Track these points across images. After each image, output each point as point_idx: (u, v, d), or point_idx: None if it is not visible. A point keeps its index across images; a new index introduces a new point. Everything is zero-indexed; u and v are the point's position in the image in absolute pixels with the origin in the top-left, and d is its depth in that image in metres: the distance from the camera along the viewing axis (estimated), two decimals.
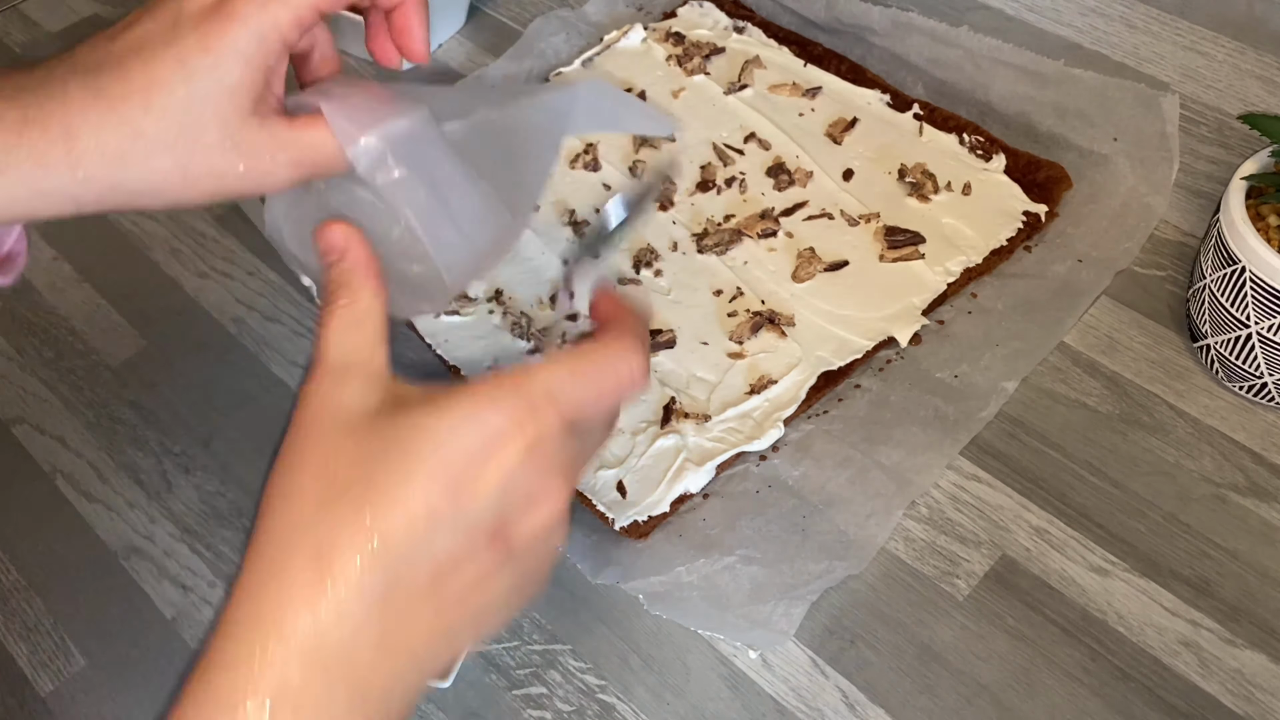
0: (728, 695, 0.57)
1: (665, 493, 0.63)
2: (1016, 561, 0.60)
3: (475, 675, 0.59)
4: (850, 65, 0.84)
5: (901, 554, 0.61)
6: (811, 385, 0.66)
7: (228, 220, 0.82)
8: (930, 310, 0.70)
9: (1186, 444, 0.64)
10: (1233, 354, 0.63)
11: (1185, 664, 0.56)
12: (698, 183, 0.78)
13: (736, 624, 0.58)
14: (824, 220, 0.75)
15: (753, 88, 0.83)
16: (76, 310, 0.78)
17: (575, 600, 0.61)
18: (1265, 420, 0.64)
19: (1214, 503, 0.61)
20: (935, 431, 0.64)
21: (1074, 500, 0.62)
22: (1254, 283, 0.60)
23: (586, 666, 0.59)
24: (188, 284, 0.78)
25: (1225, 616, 0.57)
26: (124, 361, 0.74)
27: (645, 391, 0.39)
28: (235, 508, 0.67)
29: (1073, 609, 0.58)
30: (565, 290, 0.46)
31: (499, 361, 0.70)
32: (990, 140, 0.77)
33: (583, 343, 0.41)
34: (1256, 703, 0.55)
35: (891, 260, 0.72)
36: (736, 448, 0.64)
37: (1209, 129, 0.78)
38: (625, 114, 0.51)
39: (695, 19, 0.89)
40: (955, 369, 0.67)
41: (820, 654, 0.58)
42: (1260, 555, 0.59)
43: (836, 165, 0.78)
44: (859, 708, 0.56)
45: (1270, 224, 0.60)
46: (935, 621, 0.58)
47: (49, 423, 0.72)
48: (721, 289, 0.72)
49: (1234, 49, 0.83)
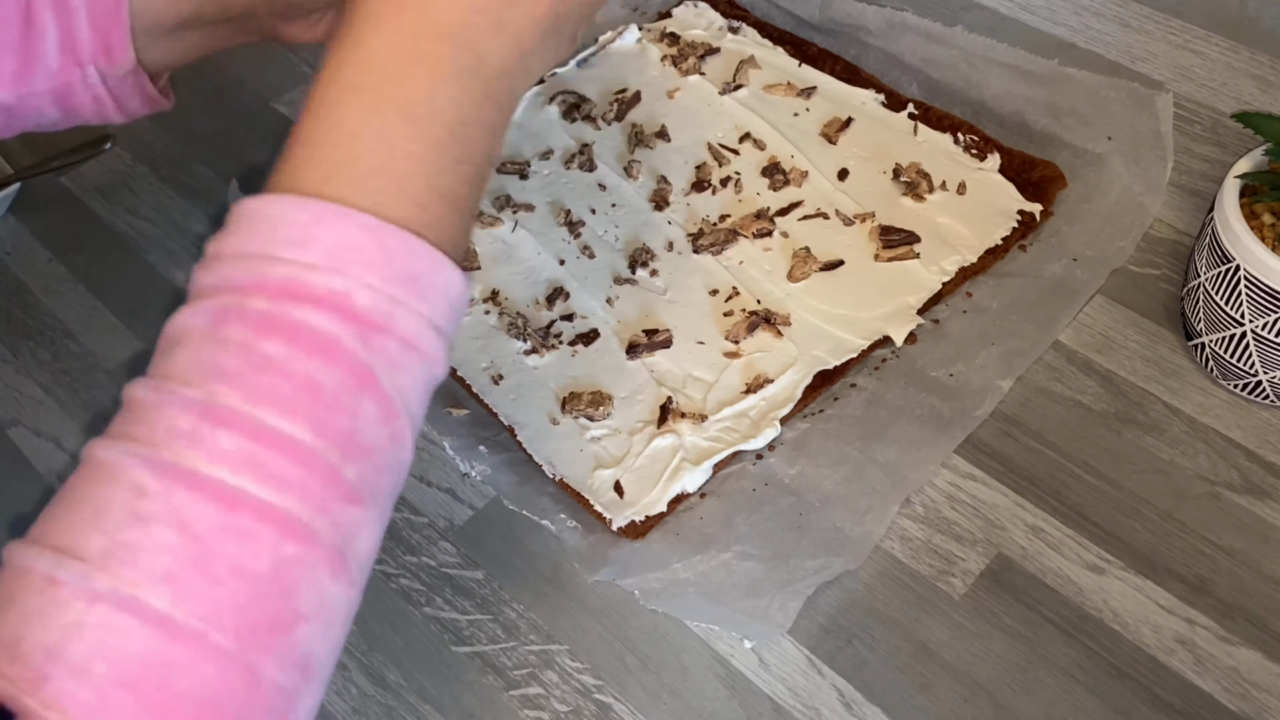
0: (724, 694, 0.57)
1: (662, 492, 0.63)
2: (1012, 560, 0.60)
3: (472, 676, 0.59)
4: (845, 65, 0.84)
5: (898, 553, 0.61)
6: (807, 384, 0.67)
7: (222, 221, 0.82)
8: (925, 309, 0.70)
9: (1182, 442, 0.64)
10: (1227, 352, 0.63)
11: (1181, 661, 0.56)
12: (693, 183, 0.78)
13: (732, 617, 0.58)
14: (819, 220, 0.75)
15: (748, 88, 0.84)
16: (72, 312, 0.78)
17: (572, 601, 0.61)
18: (1260, 418, 0.64)
19: (1209, 500, 0.61)
20: (931, 429, 0.64)
21: (1069, 499, 0.62)
22: (1248, 281, 0.60)
23: (583, 666, 0.59)
24: (183, 285, 0.78)
25: (1221, 614, 0.57)
26: (120, 363, 0.74)
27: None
28: None
29: (1069, 607, 0.58)
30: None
31: (494, 362, 0.70)
32: (985, 139, 0.77)
33: None
34: (1252, 700, 0.55)
35: (887, 260, 0.72)
36: (733, 447, 0.64)
37: (1203, 128, 0.78)
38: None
39: (690, 19, 0.89)
40: (950, 368, 0.67)
41: (817, 653, 0.58)
42: (1256, 553, 0.59)
43: (831, 165, 0.78)
44: (856, 706, 0.56)
45: (1264, 222, 0.61)
46: (931, 620, 0.59)
47: (45, 425, 0.72)
48: (717, 289, 0.72)
49: (1228, 48, 0.83)
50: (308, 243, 0.36)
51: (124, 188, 0.85)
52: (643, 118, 0.83)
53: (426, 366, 0.38)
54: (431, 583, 0.63)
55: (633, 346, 0.69)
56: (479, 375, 0.69)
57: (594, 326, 0.71)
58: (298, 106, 0.88)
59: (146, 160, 0.87)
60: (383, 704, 0.59)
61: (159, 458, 0.34)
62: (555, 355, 0.70)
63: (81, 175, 0.86)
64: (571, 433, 0.66)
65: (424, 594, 0.62)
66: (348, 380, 0.36)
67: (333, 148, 0.38)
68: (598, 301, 0.72)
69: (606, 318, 0.71)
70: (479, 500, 0.65)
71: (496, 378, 0.69)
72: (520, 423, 0.67)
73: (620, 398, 0.67)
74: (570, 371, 0.69)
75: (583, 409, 0.66)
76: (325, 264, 0.36)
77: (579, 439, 0.66)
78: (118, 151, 0.87)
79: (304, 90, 0.90)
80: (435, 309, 0.38)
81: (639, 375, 0.68)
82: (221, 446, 0.34)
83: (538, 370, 0.69)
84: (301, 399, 0.35)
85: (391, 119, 0.38)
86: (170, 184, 0.85)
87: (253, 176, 0.83)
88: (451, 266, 0.38)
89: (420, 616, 0.61)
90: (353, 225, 0.36)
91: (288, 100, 0.89)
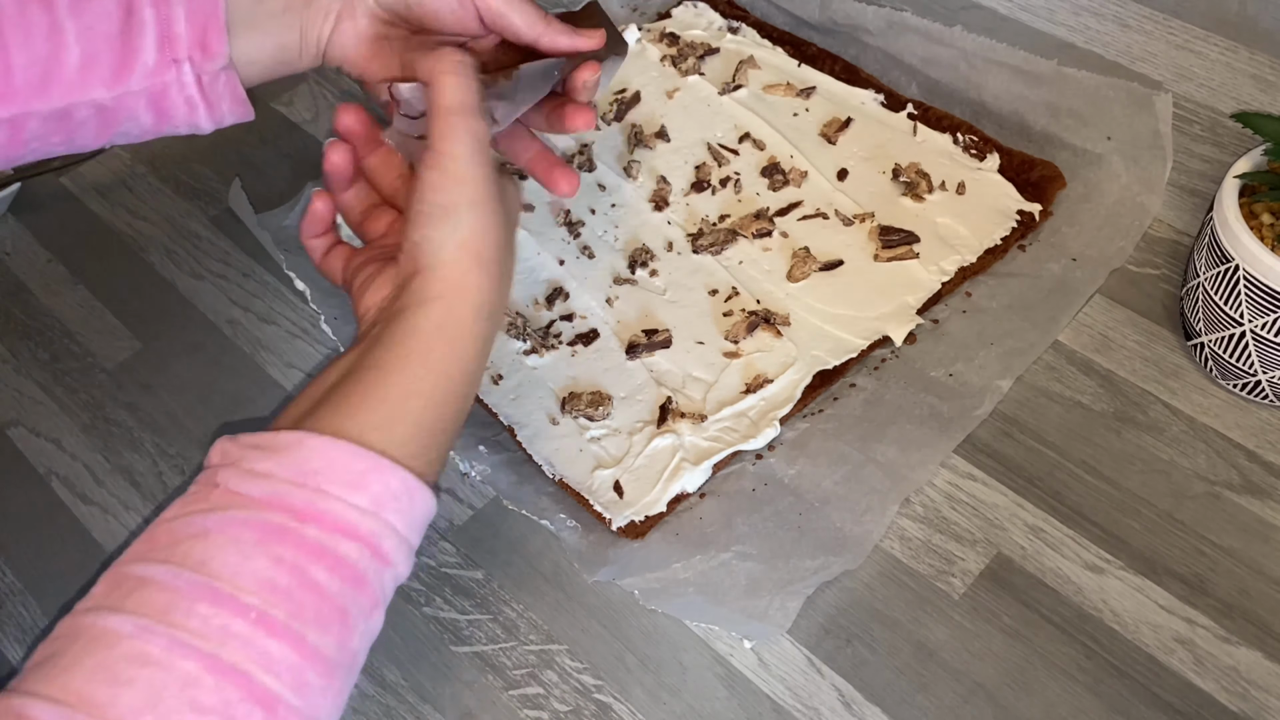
0: (724, 694, 0.57)
1: (662, 492, 0.63)
2: (1012, 560, 0.60)
3: (472, 675, 0.59)
4: (844, 65, 0.84)
5: (897, 553, 0.61)
6: (807, 384, 0.67)
7: (222, 222, 0.82)
8: (925, 309, 0.70)
9: (1181, 442, 0.64)
10: (1227, 352, 0.63)
11: (1180, 661, 0.56)
12: (693, 183, 0.78)
13: (731, 617, 0.58)
14: (819, 220, 0.75)
15: (747, 88, 0.84)
16: (71, 313, 0.78)
17: (571, 600, 0.61)
18: (1259, 418, 0.64)
19: (1208, 500, 0.62)
20: (930, 429, 0.64)
21: (1069, 498, 0.62)
22: (1247, 281, 0.60)
23: (583, 666, 0.59)
24: (183, 286, 0.78)
25: (1220, 614, 0.58)
26: (119, 364, 0.74)
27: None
28: None
29: (1068, 607, 0.58)
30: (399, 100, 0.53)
31: (494, 363, 0.70)
32: (984, 140, 0.77)
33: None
34: (1251, 700, 0.55)
35: (886, 260, 0.72)
36: (733, 447, 0.64)
37: (1202, 128, 0.78)
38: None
39: (690, 19, 0.89)
40: (950, 367, 0.67)
41: (816, 653, 0.58)
42: (1255, 552, 0.59)
43: (831, 165, 0.78)
44: (855, 706, 0.56)
45: (1263, 222, 0.61)
46: (931, 620, 0.59)
47: (44, 425, 0.72)
48: (717, 289, 0.72)
49: (1227, 48, 0.83)
50: (360, 488, 0.43)
51: (123, 188, 0.85)
52: (642, 118, 0.83)
53: (404, 577, 0.46)
54: (431, 582, 0.63)
55: (632, 346, 0.69)
56: None
57: (593, 326, 0.71)
58: (296, 106, 0.89)
59: (146, 160, 0.87)
60: (382, 704, 0.59)
61: (218, 656, 0.39)
62: (555, 355, 0.70)
63: (81, 175, 0.86)
64: (571, 433, 0.66)
65: (424, 594, 0.62)
66: (365, 604, 0.44)
67: (383, 404, 0.45)
68: (597, 301, 0.72)
69: (606, 318, 0.71)
70: (479, 500, 0.66)
71: (496, 378, 0.69)
72: (520, 423, 0.67)
73: (620, 398, 0.67)
74: (570, 371, 0.69)
75: (582, 409, 0.66)
76: (369, 507, 0.43)
77: (578, 439, 0.66)
78: (117, 151, 0.87)
79: (303, 90, 0.90)
80: (420, 538, 0.47)
81: (638, 375, 0.68)
82: (272, 655, 0.40)
83: (537, 370, 0.69)
84: (334, 619, 0.42)
85: (429, 386, 0.47)
86: (170, 184, 0.85)
87: (253, 177, 0.83)
88: (435, 501, 0.46)
89: (420, 616, 0.61)
90: (396, 479, 0.44)
91: (287, 100, 0.89)
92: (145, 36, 0.53)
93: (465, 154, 0.48)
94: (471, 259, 0.48)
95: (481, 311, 0.48)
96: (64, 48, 0.52)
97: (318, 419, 0.45)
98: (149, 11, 0.53)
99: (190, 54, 0.53)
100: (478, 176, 0.48)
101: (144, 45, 0.53)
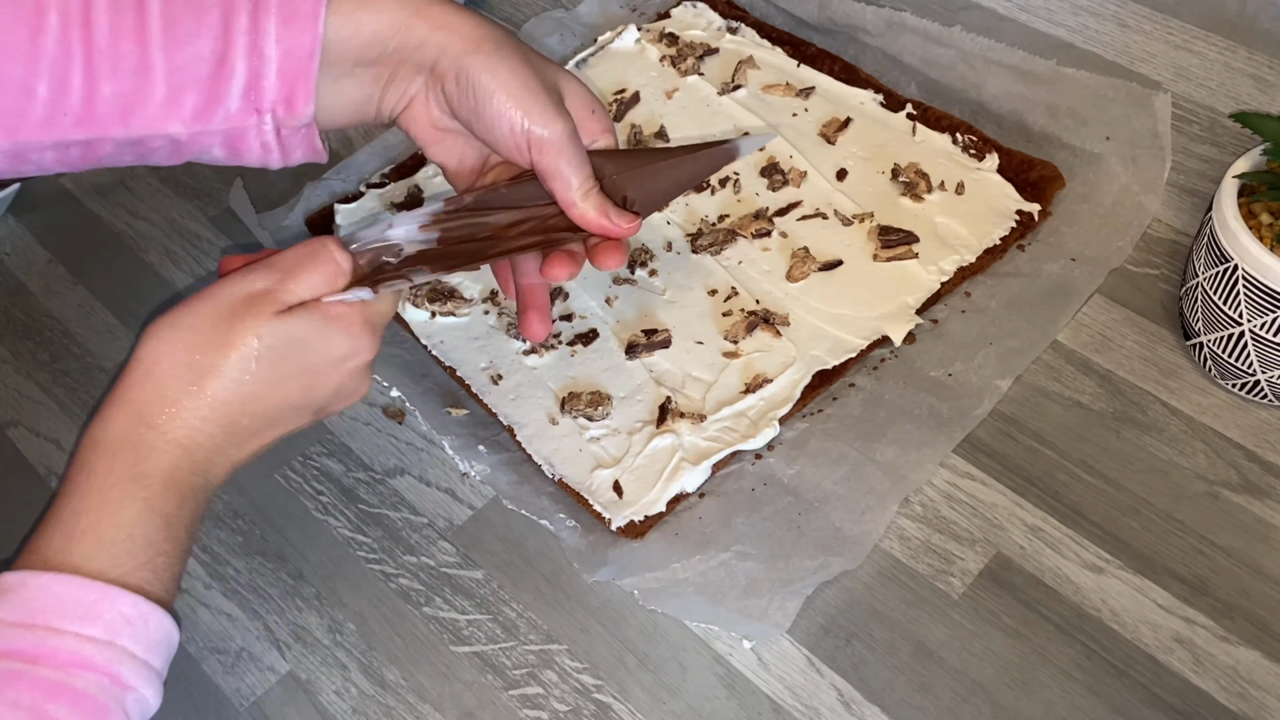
0: (724, 694, 0.57)
1: (661, 492, 0.63)
2: (1011, 559, 0.60)
3: (472, 675, 0.59)
4: (843, 65, 0.84)
5: (896, 552, 0.61)
6: (806, 384, 0.67)
7: (222, 222, 0.82)
8: (924, 309, 0.70)
9: (1180, 441, 0.64)
10: (1226, 352, 0.64)
11: (1180, 661, 0.56)
12: None
13: (731, 617, 0.58)
14: (818, 220, 0.75)
15: (746, 88, 0.84)
16: (71, 312, 0.78)
17: (571, 600, 0.61)
18: (1258, 417, 0.65)
19: (1208, 500, 0.62)
20: (929, 429, 0.65)
21: (1068, 498, 0.62)
22: (1246, 281, 0.60)
23: (583, 666, 0.59)
24: (182, 285, 0.78)
25: (1219, 614, 0.58)
26: (119, 364, 0.74)
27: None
28: (230, 508, 0.67)
29: (1067, 607, 0.58)
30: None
31: (494, 363, 0.70)
32: (983, 140, 0.78)
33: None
34: (1251, 700, 0.55)
35: (885, 260, 0.72)
36: (732, 446, 0.64)
37: (1201, 127, 0.79)
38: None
39: (689, 20, 0.89)
40: (949, 367, 0.67)
41: (816, 652, 0.58)
42: (1254, 552, 0.60)
43: (830, 165, 0.78)
44: (855, 706, 0.56)
45: (1262, 222, 0.61)
46: (930, 620, 0.59)
47: (44, 425, 0.72)
48: (716, 289, 0.72)
49: (1225, 48, 0.83)
50: (92, 619, 0.45)
51: (123, 188, 0.85)
52: (642, 118, 0.83)
53: (152, 703, 0.47)
54: (431, 583, 0.63)
55: (632, 346, 0.69)
56: (478, 375, 0.69)
57: (593, 326, 0.71)
58: None
59: None
60: (382, 703, 0.59)
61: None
62: (554, 355, 0.70)
63: (81, 175, 0.86)
64: (570, 432, 0.66)
65: (423, 594, 0.62)
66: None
67: (112, 533, 0.47)
68: (596, 301, 0.72)
69: (605, 318, 0.71)
70: (478, 500, 0.66)
71: (495, 378, 0.69)
72: (519, 422, 0.67)
73: (619, 397, 0.67)
74: (569, 371, 0.69)
75: (582, 409, 0.66)
76: (104, 637, 0.45)
77: (578, 439, 0.66)
78: None
79: None
80: (164, 662, 0.48)
81: (638, 375, 0.68)
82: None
83: (537, 370, 0.69)
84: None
85: (157, 523, 0.48)
86: (169, 184, 0.85)
87: (254, 177, 0.83)
88: (174, 623, 0.48)
89: (420, 616, 0.61)
90: (128, 604, 0.46)
91: None
92: (233, 83, 0.52)
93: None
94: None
95: (198, 468, 0.49)
96: (151, 84, 0.51)
97: (40, 548, 0.46)
98: (241, 64, 0.52)
99: (274, 108, 0.53)
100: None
101: (230, 92, 0.52)
